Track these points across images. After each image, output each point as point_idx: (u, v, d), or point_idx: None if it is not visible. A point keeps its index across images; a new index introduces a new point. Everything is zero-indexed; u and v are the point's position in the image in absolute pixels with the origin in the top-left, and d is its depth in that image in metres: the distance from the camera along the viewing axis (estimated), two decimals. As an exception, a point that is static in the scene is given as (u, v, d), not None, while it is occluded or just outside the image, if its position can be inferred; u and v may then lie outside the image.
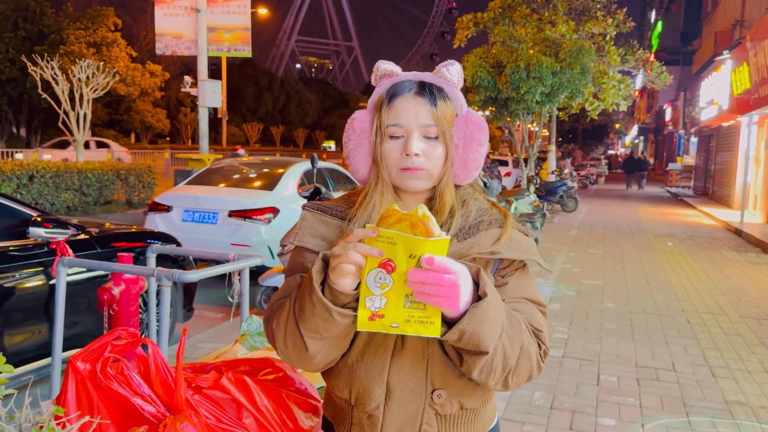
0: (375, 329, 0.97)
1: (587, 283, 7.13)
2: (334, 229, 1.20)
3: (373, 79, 1.22)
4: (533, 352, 1.10)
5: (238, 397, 1.33)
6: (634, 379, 4.12)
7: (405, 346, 1.11)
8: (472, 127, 1.18)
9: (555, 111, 16.30)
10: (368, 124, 1.19)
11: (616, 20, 16.13)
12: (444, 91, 1.17)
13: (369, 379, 1.12)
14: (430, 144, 1.14)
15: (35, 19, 33.00)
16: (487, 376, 1.05)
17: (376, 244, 0.95)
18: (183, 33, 14.61)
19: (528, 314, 1.15)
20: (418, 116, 1.13)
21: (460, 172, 1.18)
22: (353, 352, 1.14)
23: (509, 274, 1.19)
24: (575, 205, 15.64)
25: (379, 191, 1.16)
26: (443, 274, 0.93)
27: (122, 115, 42.99)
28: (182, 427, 1.16)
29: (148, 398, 1.21)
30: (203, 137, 14.28)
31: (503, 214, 1.22)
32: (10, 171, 9.30)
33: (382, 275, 0.95)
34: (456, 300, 0.95)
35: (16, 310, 3.57)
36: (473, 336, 0.98)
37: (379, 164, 1.16)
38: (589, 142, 57.98)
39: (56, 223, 3.81)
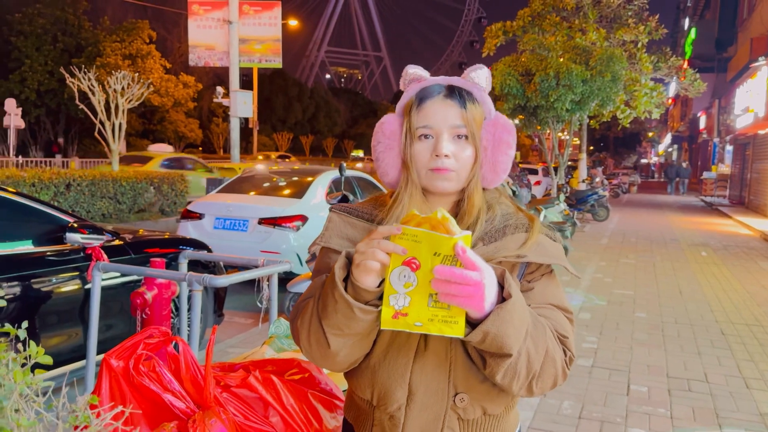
0: (398, 328, 0.96)
1: (618, 292, 7.03)
2: (360, 231, 1.19)
3: (401, 83, 1.23)
4: (558, 358, 1.09)
5: (265, 396, 1.36)
6: (666, 390, 4.05)
7: (428, 348, 1.11)
8: (501, 129, 1.18)
9: (586, 119, 16.15)
10: (398, 127, 1.19)
11: (648, 27, 15.95)
12: (473, 95, 1.17)
13: (391, 379, 1.12)
14: (459, 145, 1.14)
15: (73, 32, 33.97)
16: (510, 380, 1.04)
17: (400, 242, 0.94)
18: (215, 44, 14.89)
19: (554, 320, 1.14)
20: (447, 117, 1.14)
21: (489, 174, 1.18)
22: (376, 352, 1.13)
23: (535, 279, 1.18)
24: (606, 214, 15.43)
25: (408, 192, 1.16)
26: (469, 271, 0.92)
27: (156, 125, 43.81)
28: (210, 423, 1.20)
29: (178, 394, 1.25)
30: (234, 146, 14.52)
31: (530, 219, 1.21)
32: (48, 179, 9.58)
33: (407, 273, 0.95)
34: (481, 300, 0.94)
35: (53, 313, 3.67)
36: (497, 337, 0.97)
37: (408, 166, 1.16)
38: (620, 150, 57.18)
39: (92, 229, 3.91)
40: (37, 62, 32.36)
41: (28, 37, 32.62)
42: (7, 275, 3.39)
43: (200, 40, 14.92)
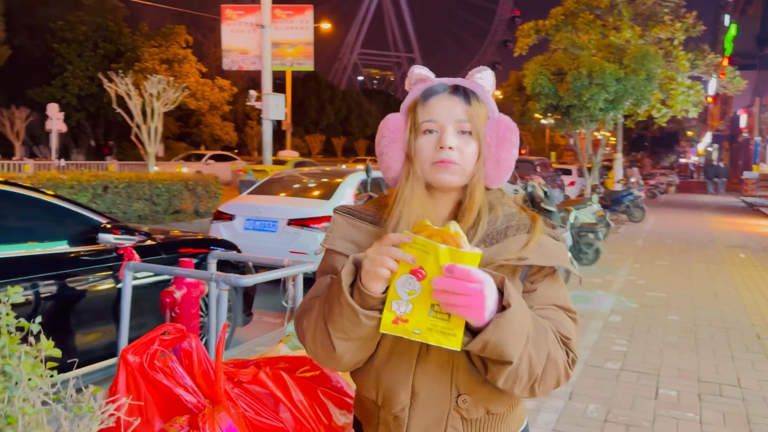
0: (397, 333, 0.98)
1: (651, 295, 6.90)
2: (363, 233, 1.21)
3: (406, 84, 1.24)
4: (561, 360, 1.10)
5: (275, 392, 1.40)
6: (696, 394, 3.97)
7: (430, 352, 1.12)
8: (504, 128, 1.19)
9: (620, 118, 15.89)
10: (402, 124, 1.20)
11: (684, 24, 15.63)
12: (477, 94, 1.18)
13: (395, 382, 1.14)
14: (463, 140, 1.15)
15: (113, 39, 34.85)
16: (512, 384, 1.06)
17: (409, 250, 0.96)
18: (248, 48, 15.11)
19: (556, 321, 1.14)
20: (452, 112, 1.14)
21: (492, 171, 1.18)
22: (380, 354, 1.15)
23: (538, 280, 1.18)
24: (642, 215, 15.13)
25: (410, 186, 1.16)
26: (467, 282, 0.93)
27: (192, 129, 44.60)
28: (220, 417, 1.24)
29: (189, 389, 1.29)
30: (267, 149, 14.71)
31: (532, 219, 1.21)
32: (86, 182, 9.86)
33: (412, 281, 0.96)
34: (481, 310, 0.96)
35: (86, 311, 3.78)
36: (497, 346, 0.99)
37: (412, 159, 1.16)
38: (658, 150, 55.97)
39: (125, 230, 4.03)
40: (79, 68, 33.30)
41: (71, 43, 33.60)
42: (43, 274, 3.51)
43: (233, 44, 15.17)
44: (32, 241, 3.76)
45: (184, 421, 1.25)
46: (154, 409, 1.32)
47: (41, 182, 9.19)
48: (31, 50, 34.07)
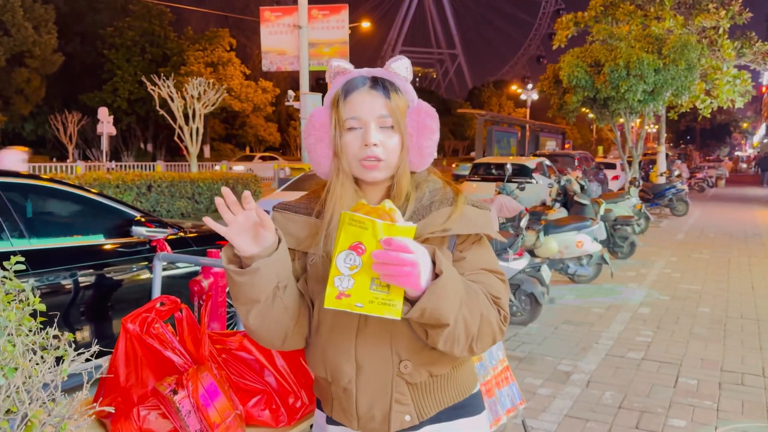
0: (341, 307, 1.01)
1: (684, 287, 6.81)
2: (301, 225, 1.25)
3: (327, 77, 1.28)
4: (493, 319, 1.17)
5: (259, 357, 1.53)
6: (716, 383, 3.95)
7: (368, 324, 1.18)
8: (424, 116, 1.24)
9: (662, 110, 15.54)
10: (327, 119, 1.23)
11: (730, 12, 15.15)
12: (395, 85, 1.22)
13: (339, 357, 1.20)
14: (386, 134, 1.19)
15: (160, 43, 35.94)
16: (452, 345, 1.12)
17: (349, 227, 1.00)
18: (286, 49, 15.42)
19: (486, 284, 1.20)
20: (373, 108, 1.19)
21: (416, 159, 1.24)
22: (322, 332, 1.22)
23: (466, 248, 1.24)
24: (686, 208, 14.78)
25: (340, 182, 1.21)
26: (403, 253, 0.98)
27: (237, 130, 45.60)
28: (202, 376, 1.38)
29: (178, 352, 1.44)
30: (305, 148, 14.99)
31: (455, 191, 1.26)
32: (131, 181, 10.28)
33: (352, 257, 1.00)
34: (417, 279, 1.01)
35: (122, 300, 4.02)
36: (434, 311, 1.04)
37: (339, 156, 1.21)
38: (708, 142, 54.20)
39: (158, 223, 4.26)
40: (128, 73, 34.48)
41: (119, 49, 34.81)
42: (82, 264, 3.76)
43: (272, 45, 15.50)
44: (73, 233, 4.04)
45: (172, 380, 1.39)
46: (149, 370, 1.47)
47: (88, 182, 9.63)
48: (83, 57, 35.45)
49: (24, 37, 28.31)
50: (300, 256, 1.25)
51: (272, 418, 1.51)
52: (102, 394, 1.49)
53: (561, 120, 22.88)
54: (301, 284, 1.24)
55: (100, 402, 1.38)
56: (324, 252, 1.20)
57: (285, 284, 1.14)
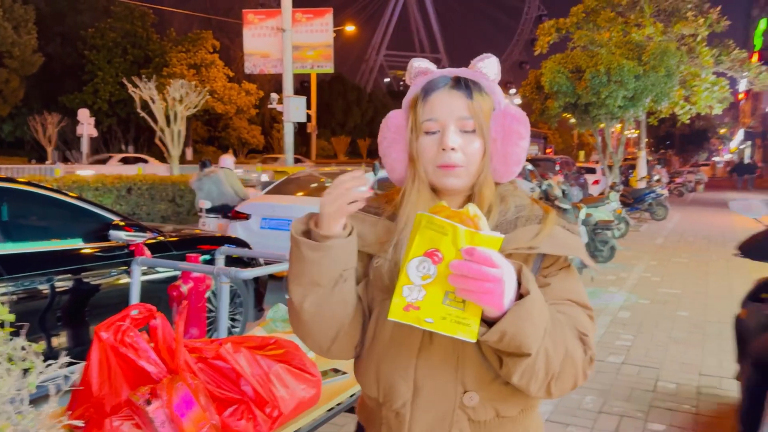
0: (407, 321, 0.89)
1: (664, 291, 6.88)
2: (369, 226, 1.15)
3: (407, 78, 1.19)
4: (578, 358, 1.03)
5: (235, 366, 1.51)
6: (694, 387, 3.99)
7: (433, 341, 1.06)
8: (511, 119, 1.12)
9: (642, 116, 15.73)
10: (403, 122, 1.15)
11: (708, 20, 15.40)
12: (480, 85, 1.12)
13: (395, 375, 1.08)
14: (467, 138, 1.09)
15: (142, 45, 35.64)
16: (528, 380, 0.99)
17: (425, 231, 0.88)
18: (270, 52, 15.37)
19: (573, 317, 1.06)
20: (453, 109, 1.09)
21: (500, 167, 1.12)
22: (377, 346, 1.11)
23: (552, 274, 1.11)
24: (665, 213, 14.97)
25: (416, 189, 1.12)
26: (488, 267, 0.86)
27: (220, 132, 45.31)
28: (177, 386, 1.35)
29: (152, 361, 1.42)
30: (288, 150, 14.94)
31: (545, 210, 1.14)
32: (110, 183, 10.17)
33: (427, 265, 0.89)
34: (500, 297, 0.88)
35: (99, 305, 3.97)
36: (515, 336, 0.91)
37: (415, 161, 1.11)
38: (688, 147, 54.97)
39: (137, 227, 4.22)
40: (109, 74, 34.12)
41: (100, 50, 34.45)
42: (59, 269, 3.70)
43: (255, 48, 15.45)
44: (50, 237, 3.98)
45: (146, 390, 1.37)
46: (122, 380, 1.44)
47: (67, 184, 9.51)
48: (63, 57, 35.02)
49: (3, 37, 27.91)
50: (363, 259, 1.14)
51: (249, 427, 1.49)
52: (74, 405, 1.46)
53: (543, 125, 23.07)
54: (361, 289, 1.13)
55: (70, 414, 1.35)
56: (393, 259, 1.10)
57: (347, 276, 1.06)
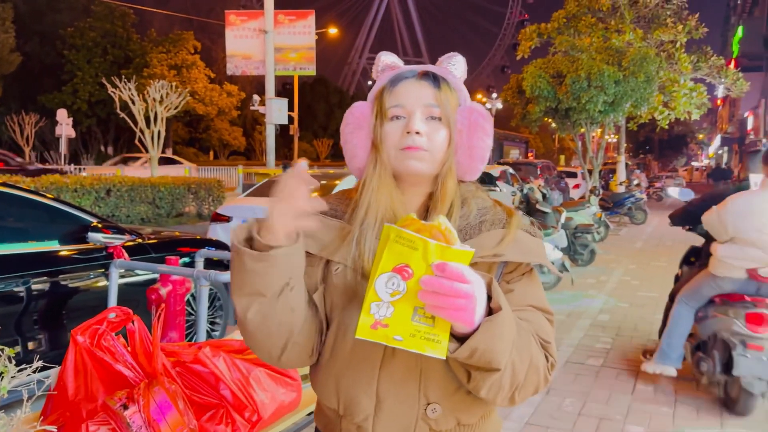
0: (376, 339, 0.86)
1: (643, 295, 6.95)
2: (327, 228, 1.10)
3: (374, 72, 1.17)
4: (541, 366, 1.03)
5: (214, 370, 1.49)
6: (673, 390, 4.03)
7: (396, 355, 1.03)
8: (477, 115, 1.11)
9: (622, 121, 15.91)
10: (368, 111, 1.12)
11: (687, 27, 15.63)
12: (447, 80, 1.11)
13: (357, 388, 1.05)
14: (432, 125, 1.07)
15: (122, 45, 35.28)
16: (495, 393, 0.98)
17: (394, 245, 0.85)
18: (252, 54, 15.30)
19: (536, 324, 1.06)
20: (420, 97, 1.07)
21: (465, 160, 1.10)
22: (338, 357, 1.07)
23: (515, 279, 1.09)
24: (644, 217, 15.14)
25: (377, 175, 1.08)
26: (459, 283, 0.83)
27: (201, 134, 45.02)
28: (154, 390, 1.34)
29: (129, 366, 1.40)
30: (270, 152, 14.88)
31: (508, 213, 1.12)
32: (89, 185, 10.04)
33: (396, 281, 0.85)
34: (472, 313, 0.86)
35: (77, 308, 3.91)
36: (486, 353, 0.90)
37: (378, 146, 1.08)
38: (667, 153, 55.75)
39: (116, 229, 4.16)
40: (88, 74, 33.72)
41: (80, 50, 34.05)
42: (34, 271, 3.64)
43: (237, 49, 15.38)
44: (26, 239, 3.91)
45: (123, 394, 1.35)
46: (99, 384, 1.42)
47: (44, 185, 9.37)
48: (42, 57, 34.55)
49: (-21, 35, 27.48)
50: (319, 264, 1.09)
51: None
52: (49, 410, 1.43)
53: (524, 129, 23.27)
54: (318, 296, 1.09)
55: (42, 420, 1.33)
56: (354, 259, 1.05)
57: (294, 285, 1.00)
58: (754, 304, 3.62)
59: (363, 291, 0.98)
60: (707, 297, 3.88)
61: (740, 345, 3.50)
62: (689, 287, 3.99)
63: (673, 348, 3.98)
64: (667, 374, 3.97)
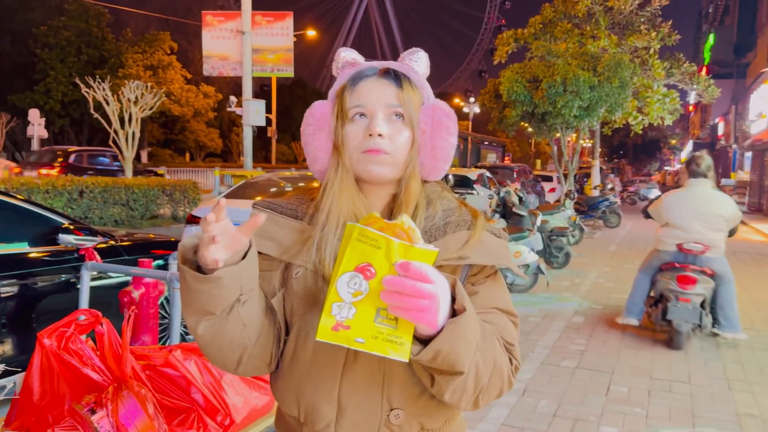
0: (337, 341, 0.84)
1: (616, 297, 7.03)
2: (286, 230, 1.07)
3: (333, 68, 1.13)
4: (505, 369, 1.01)
5: (185, 374, 1.47)
6: (646, 390, 4.08)
7: (358, 360, 1.01)
8: (440, 113, 1.08)
9: (597, 125, 16.11)
10: (329, 111, 1.08)
11: (660, 33, 15.89)
12: (409, 78, 1.08)
13: (318, 395, 1.02)
14: (395, 126, 1.04)
15: (97, 44, 34.76)
16: (459, 397, 0.96)
17: (356, 244, 0.82)
18: (229, 55, 15.19)
19: (500, 327, 1.03)
20: (382, 96, 1.04)
21: (428, 161, 1.07)
22: (298, 364, 1.04)
23: (479, 282, 1.07)
24: (618, 220, 15.35)
25: (339, 179, 1.05)
26: (422, 283, 0.81)
27: (177, 135, 44.52)
28: (123, 395, 1.31)
29: (97, 369, 1.36)
30: (247, 154, 14.76)
31: (473, 214, 1.10)
32: (61, 186, 9.86)
33: (358, 280, 0.83)
34: (435, 314, 0.84)
35: (47, 311, 3.83)
36: (449, 355, 0.87)
37: (339, 148, 1.05)
38: (640, 157, 56.63)
39: (87, 231, 4.09)
40: (62, 74, 33.16)
41: (53, 49, 33.46)
42: (3, 273, 3.56)
43: (214, 50, 15.25)
44: (-7, 241, 3.82)
45: (90, 399, 1.32)
46: (66, 388, 1.39)
47: (15, 186, 9.18)
48: (13, 56, 33.91)
49: (-52, 33, 26.86)
50: (279, 267, 1.07)
51: (199, 436, 1.45)
52: (13, 415, 1.39)
53: (501, 133, 23.43)
54: (277, 301, 1.05)
55: (5, 425, 1.29)
56: (315, 263, 1.02)
57: (246, 299, 0.96)
58: (683, 269, 5.01)
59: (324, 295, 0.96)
60: (656, 266, 5.29)
61: (674, 298, 4.91)
62: (645, 261, 5.48)
63: (635, 305, 5.45)
64: (631, 324, 5.44)
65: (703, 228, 4.93)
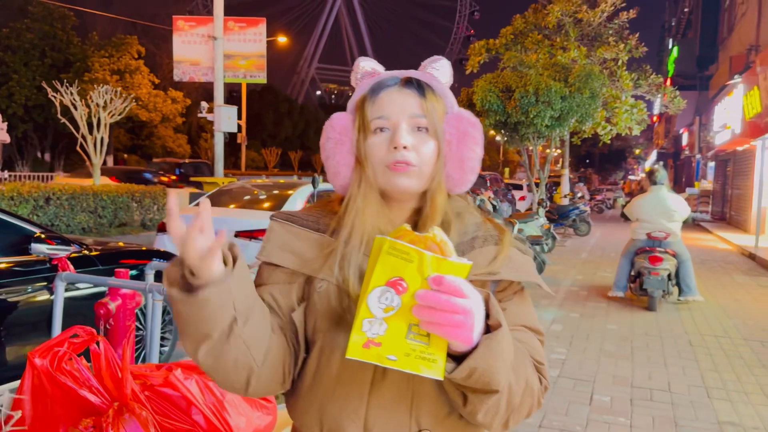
0: (368, 359, 0.80)
1: (592, 305, 7.10)
2: (306, 243, 1.04)
3: (353, 79, 1.10)
4: (536, 388, 0.98)
5: (186, 394, 1.40)
6: (628, 400, 4.10)
7: (386, 378, 0.97)
8: (465, 123, 1.05)
9: (567, 135, 16.35)
10: (350, 123, 1.04)
11: (628, 45, 16.23)
12: (432, 86, 1.05)
13: (343, 414, 0.97)
14: (419, 137, 1.01)
15: (62, 48, 34.00)
16: (492, 417, 0.92)
17: (387, 257, 0.79)
18: (200, 60, 14.99)
19: (530, 345, 1.01)
20: (405, 107, 1.01)
21: (455, 173, 1.04)
22: (322, 383, 1.00)
23: (507, 298, 1.05)
24: (588, 228, 15.58)
25: (362, 194, 1.01)
26: (456, 297, 0.78)
27: (144, 141, 43.77)
28: (125, 418, 1.24)
29: (95, 390, 1.29)
30: (218, 161, 14.57)
31: (499, 230, 1.07)
32: (27, 193, 9.57)
33: (390, 295, 0.80)
34: (470, 330, 0.81)
35: (18, 324, 3.68)
36: (485, 373, 0.84)
37: (362, 162, 1.01)
38: (607, 166, 57.76)
39: (60, 240, 3.95)
40: (25, 77, 32.32)
41: (16, 52, 32.62)
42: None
43: (185, 55, 15.03)
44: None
45: (89, 422, 1.24)
46: (60, 411, 1.31)
47: (-22, 193, 8.88)
48: (-26, 58, 32.96)
49: None
50: (298, 281, 1.02)
51: (200, 459, 1.39)
52: (2, 440, 1.31)
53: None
54: (298, 316, 1.01)
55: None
56: (339, 279, 0.98)
57: (246, 317, 0.91)
58: (652, 251, 6.85)
59: (349, 311, 0.95)
60: (633, 251, 7.15)
61: (648, 273, 6.79)
62: (624, 248, 7.41)
63: (620, 280, 7.33)
64: (619, 296, 7.35)
65: (664, 221, 6.85)
